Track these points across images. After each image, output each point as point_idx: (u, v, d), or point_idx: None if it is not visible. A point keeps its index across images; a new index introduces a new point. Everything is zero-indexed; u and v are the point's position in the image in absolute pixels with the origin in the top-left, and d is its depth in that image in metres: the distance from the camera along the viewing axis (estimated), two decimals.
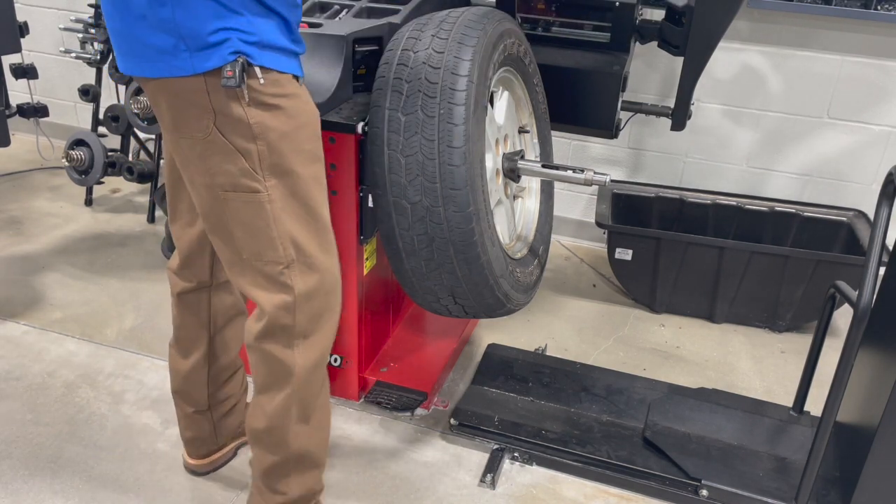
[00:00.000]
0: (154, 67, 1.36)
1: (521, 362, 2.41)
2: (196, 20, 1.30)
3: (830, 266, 2.57)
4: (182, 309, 1.79)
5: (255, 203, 1.43)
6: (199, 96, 1.36)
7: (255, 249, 1.47)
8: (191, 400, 1.88)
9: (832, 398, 1.73)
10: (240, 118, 1.37)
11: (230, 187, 1.43)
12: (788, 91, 2.85)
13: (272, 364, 1.55)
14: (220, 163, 1.41)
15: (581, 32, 2.38)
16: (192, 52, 1.32)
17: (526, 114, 2.16)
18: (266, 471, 1.66)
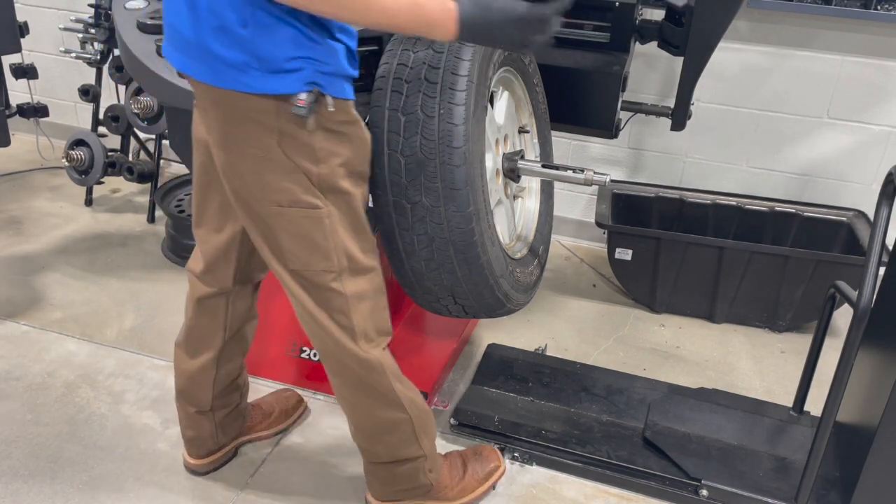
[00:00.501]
0: (217, 77, 1.36)
1: (521, 362, 2.41)
2: (274, 45, 1.31)
3: (830, 266, 2.57)
4: (200, 312, 1.79)
5: (315, 218, 1.47)
6: (266, 116, 1.37)
7: (306, 260, 1.52)
8: (194, 400, 1.88)
9: (832, 398, 1.73)
10: (306, 142, 1.40)
11: (288, 203, 1.46)
12: (788, 91, 2.85)
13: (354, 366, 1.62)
14: (280, 180, 1.43)
15: (581, 32, 2.37)
16: (262, 72, 1.33)
17: (526, 114, 2.16)
18: (399, 446, 1.74)
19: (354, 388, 1.68)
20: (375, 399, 1.68)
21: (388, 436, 1.74)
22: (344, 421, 2.19)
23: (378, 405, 1.69)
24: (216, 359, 1.84)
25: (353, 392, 1.69)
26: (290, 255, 1.52)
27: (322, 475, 2.03)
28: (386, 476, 1.80)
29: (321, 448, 2.11)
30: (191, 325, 1.81)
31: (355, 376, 1.65)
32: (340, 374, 1.67)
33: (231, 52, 1.32)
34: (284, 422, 2.15)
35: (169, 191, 3.13)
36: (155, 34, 2.27)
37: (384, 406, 1.69)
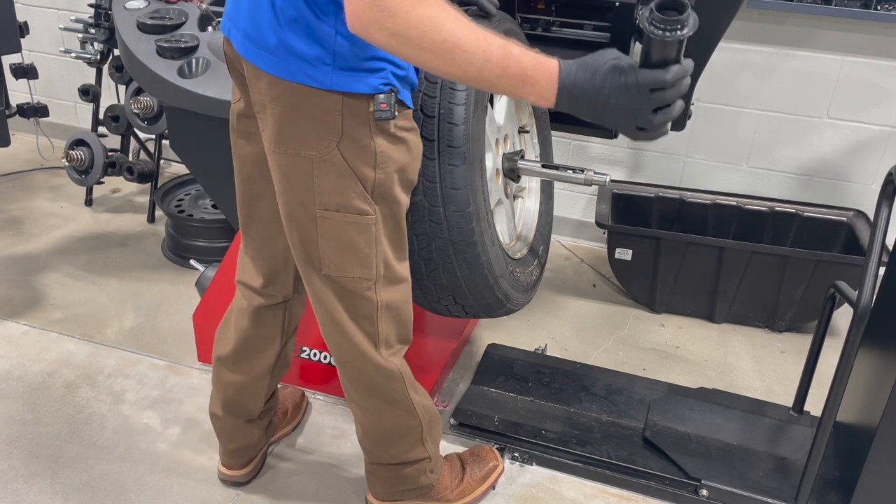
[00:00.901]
0: (282, 67, 1.30)
1: (521, 362, 2.41)
2: (353, 42, 1.27)
3: (830, 266, 2.57)
4: (258, 322, 1.75)
5: (362, 224, 1.44)
6: (330, 116, 1.32)
7: (343, 267, 1.49)
8: (243, 411, 1.86)
9: (832, 398, 1.73)
10: (367, 146, 1.36)
11: (336, 207, 1.42)
12: (788, 91, 2.85)
13: (372, 372, 1.61)
14: (332, 183, 1.40)
15: (581, 32, 2.37)
16: (335, 68, 1.28)
17: (526, 114, 2.16)
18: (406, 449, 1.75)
19: (369, 394, 1.67)
20: (390, 406, 1.67)
21: (398, 440, 1.74)
22: (344, 421, 2.19)
23: (392, 411, 1.69)
24: (273, 366, 1.82)
25: (367, 398, 1.68)
26: (326, 261, 1.49)
27: (322, 475, 2.03)
28: (389, 477, 1.80)
29: (321, 448, 2.11)
30: (246, 335, 1.76)
31: (373, 383, 1.64)
32: (357, 380, 1.65)
33: (303, 42, 1.27)
34: (297, 416, 2.16)
35: (169, 191, 3.14)
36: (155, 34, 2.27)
37: (398, 412, 1.69)
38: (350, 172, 1.39)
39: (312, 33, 1.27)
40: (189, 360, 2.43)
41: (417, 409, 1.70)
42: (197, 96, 2.10)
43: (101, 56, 3.12)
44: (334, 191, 1.40)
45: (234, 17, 1.40)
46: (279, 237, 1.64)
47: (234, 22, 1.40)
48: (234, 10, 1.40)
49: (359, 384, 1.66)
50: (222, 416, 1.87)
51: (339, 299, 1.53)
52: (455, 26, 1.14)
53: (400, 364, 1.65)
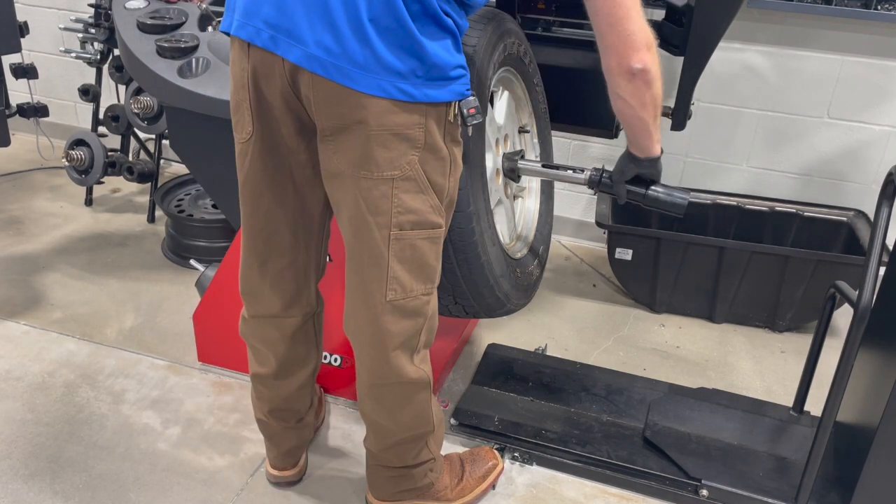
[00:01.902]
0: (375, 84, 1.26)
1: (521, 362, 2.41)
2: (445, 50, 1.29)
3: (830, 266, 2.57)
4: (293, 344, 1.74)
5: (434, 239, 1.46)
6: (415, 130, 1.32)
7: (410, 287, 1.47)
8: (292, 415, 1.86)
9: (832, 398, 1.73)
10: (444, 156, 1.39)
11: (412, 226, 1.41)
12: (788, 91, 2.85)
13: (407, 386, 1.60)
14: (412, 200, 1.39)
15: (581, 32, 2.38)
16: (426, 79, 1.28)
17: (526, 114, 2.16)
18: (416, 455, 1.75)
19: (396, 407, 1.65)
20: (411, 414, 1.66)
21: (410, 446, 1.73)
22: (344, 421, 2.19)
23: (412, 420, 1.67)
24: (314, 371, 1.84)
25: (390, 410, 1.65)
26: (393, 284, 1.45)
27: (322, 475, 2.03)
28: (392, 478, 1.80)
29: (321, 448, 2.11)
30: (284, 356, 1.75)
31: (402, 395, 1.62)
32: (385, 396, 1.63)
33: (400, 57, 1.24)
34: (322, 409, 2.17)
35: (169, 191, 3.14)
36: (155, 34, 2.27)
37: (416, 420, 1.68)
38: (428, 186, 1.39)
39: (410, 46, 1.24)
40: (189, 360, 2.43)
41: (434, 417, 1.71)
42: (197, 96, 2.09)
43: (101, 56, 3.12)
44: (414, 209, 1.40)
45: (287, 26, 1.26)
46: (299, 257, 1.62)
47: (287, 32, 1.26)
48: (281, 14, 1.26)
49: (387, 401, 1.64)
50: (271, 422, 1.86)
51: (398, 322, 1.50)
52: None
53: (429, 371, 1.64)
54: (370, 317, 1.51)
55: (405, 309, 1.50)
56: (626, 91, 1.49)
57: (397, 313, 1.50)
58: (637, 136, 1.66)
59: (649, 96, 1.52)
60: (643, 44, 1.45)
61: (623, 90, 1.50)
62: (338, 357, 2.22)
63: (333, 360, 2.22)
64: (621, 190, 1.80)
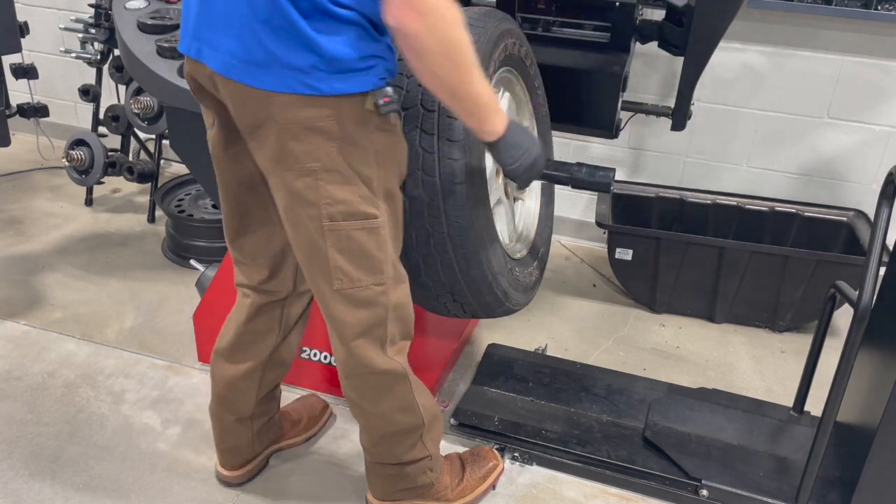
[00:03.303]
0: (279, 81, 1.30)
1: (521, 362, 2.41)
2: (345, 44, 1.29)
3: (830, 266, 2.57)
4: (254, 318, 1.75)
5: (371, 229, 1.44)
6: (328, 122, 1.33)
7: (356, 277, 1.48)
8: (234, 408, 1.86)
9: (832, 398, 1.73)
10: (366, 146, 1.37)
11: (343, 217, 1.42)
12: (788, 91, 2.85)
13: (379, 377, 1.60)
14: (338, 191, 1.39)
15: (581, 32, 2.38)
16: (330, 72, 1.29)
17: (527, 115, 2.16)
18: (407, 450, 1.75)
19: (376, 401, 1.66)
20: (393, 406, 1.67)
21: (401, 441, 1.74)
22: (344, 421, 2.19)
23: (396, 414, 1.68)
24: (264, 364, 1.82)
25: (374, 404, 1.67)
26: (338, 274, 1.48)
27: (322, 475, 2.03)
28: (390, 476, 1.80)
29: (321, 448, 2.11)
30: (241, 330, 1.77)
31: (379, 388, 1.64)
32: (363, 389, 1.65)
33: (293, 51, 1.27)
34: (313, 428, 2.13)
35: (169, 191, 3.14)
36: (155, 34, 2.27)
37: (402, 414, 1.69)
38: (354, 177, 1.39)
39: (303, 41, 1.27)
40: (189, 360, 2.43)
41: (420, 408, 1.70)
42: None
43: (101, 56, 3.12)
44: (342, 199, 1.40)
45: (207, 37, 1.36)
46: (273, 239, 1.65)
47: (208, 42, 1.36)
48: (205, 28, 1.36)
49: (365, 393, 1.66)
50: (216, 411, 1.88)
51: (352, 311, 1.52)
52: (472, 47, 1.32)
53: (404, 363, 1.65)
54: (324, 307, 1.55)
55: (356, 299, 1.51)
56: (406, 27, 1.25)
57: (348, 303, 1.51)
58: (453, 109, 1.44)
59: (435, 42, 1.28)
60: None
61: (402, 23, 1.25)
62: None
63: (333, 359, 2.22)
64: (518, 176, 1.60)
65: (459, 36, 1.29)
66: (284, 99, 1.32)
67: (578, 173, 1.91)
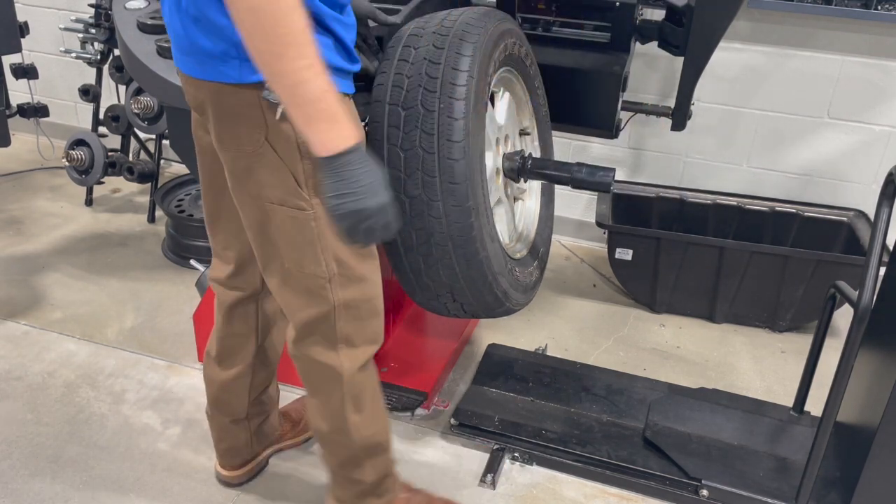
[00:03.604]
0: (202, 69, 1.34)
1: (521, 362, 2.41)
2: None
3: (830, 266, 2.57)
4: (230, 320, 1.76)
5: (301, 220, 1.43)
6: (251, 110, 1.33)
7: (298, 259, 1.47)
8: (229, 410, 1.86)
9: (832, 398, 1.73)
10: (288, 135, 1.35)
11: (278, 200, 1.42)
12: (788, 91, 2.85)
13: (319, 370, 1.58)
14: (269, 176, 1.40)
15: (581, 32, 2.37)
16: (242, 60, 1.29)
17: (527, 115, 2.16)
18: (340, 465, 1.70)
19: (308, 386, 1.63)
20: (323, 408, 1.63)
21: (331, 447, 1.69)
22: None
23: (325, 418, 1.64)
24: (252, 365, 1.81)
25: (307, 387, 1.64)
26: (284, 253, 1.48)
27: (321, 476, 2.03)
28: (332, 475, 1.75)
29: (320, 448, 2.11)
30: (222, 334, 1.78)
31: (312, 375, 1.61)
32: (300, 371, 1.63)
33: (209, 39, 1.29)
34: (309, 430, 2.12)
35: (169, 191, 3.13)
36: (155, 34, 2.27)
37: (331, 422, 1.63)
38: (282, 165, 1.38)
39: (214, 28, 1.28)
40: (189, 360, 2.43)
41: (351, 429, 1.62)
42: None
43: (101, 56, 3.12)
44: (273, 183, 1.40)
45: (171, 37, 1.42)
46: (243, 233, 1.63)
47: (171, 41, 1.43)
48: (168, 29, 1.42)
49: (305, 380, 1.64)
50: (211, 413, 1.88)
51: (296, 296, 1.51)
52: (303, 25, 1.14)
53: (349, 367, 1.57)
54: (274, 291, 1.55)
55: (300, 287, 1.50)
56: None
57: (294, 290, 1.51)
58: (279, 94, 1.21)
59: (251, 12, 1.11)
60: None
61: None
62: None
63: None
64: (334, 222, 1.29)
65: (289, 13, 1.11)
66: (210, 87, 1.35)
67: (578, 173, 1.91)
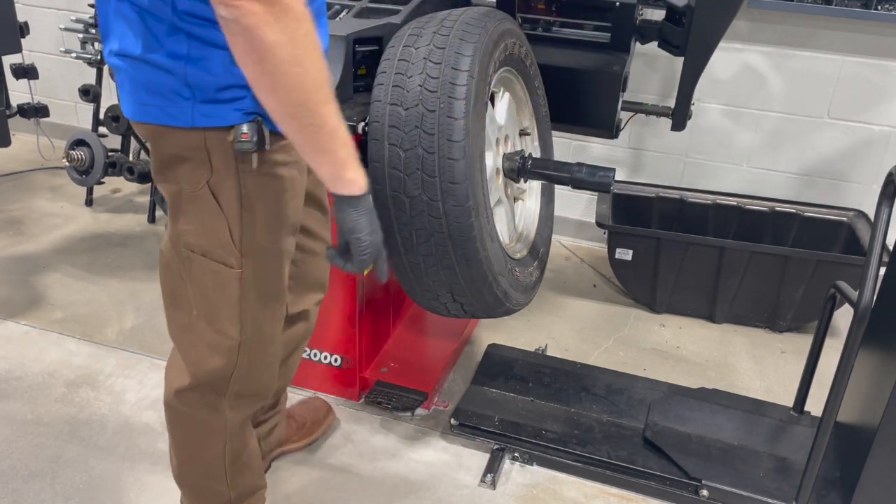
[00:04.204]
0: (143, 110, 1.20)
1: (521, 362, 2.41)
2: (208, 69, 1.15)
3: (830, 266, 2.57)
4: None
5: (225, 277, 1.30)
6: (197, 152, 1.20)
7: (210, 315, 1.35)
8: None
9: (832, 398, 1.73)
10: (232, 186, 1.22)
11: (200, 250, 1.29)
12: (788, 91, 2.85)
13: (197, 424, 1.50)
14: (198, 223, 1.27)
15: (581, 32, 2.38)
16: (195, 102, 1.17)
17: (527, 116, 2.16)
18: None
19: (178, 432, 1.56)
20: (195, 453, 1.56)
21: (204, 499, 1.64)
22: (344, 421, 2.19)
23: (194, 461, 1.58)
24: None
25: (181, 446, 1.57)
26: (195, 304, 1.34)
27: (321, 476, 2.03)
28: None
29: (321, 448, 2.11)
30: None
31: (184, 420, 1.52)
32: (171, 418, 1.54)
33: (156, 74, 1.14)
34: (315, 432, 2.10)
35: None
36: None
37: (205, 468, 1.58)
38: (219, 215, 1.25)
39: (161, 66, 1.15)
40: None
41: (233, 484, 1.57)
42: None
43: (101, 56, 3.12)
44: (201, 232, 1.27)
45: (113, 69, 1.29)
46: None
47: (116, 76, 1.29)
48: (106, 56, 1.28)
49: (177, 432, 1.56)
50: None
51: (196, 348, 1.40)
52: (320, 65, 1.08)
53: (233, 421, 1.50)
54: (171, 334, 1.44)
55: (205, 341, 1.38)
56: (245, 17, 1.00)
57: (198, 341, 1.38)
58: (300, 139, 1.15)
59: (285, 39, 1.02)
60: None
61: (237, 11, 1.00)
62: (338, 357, 2.22)
63: (333, 360, 2.22)
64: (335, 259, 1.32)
65: (313, 36, 1.05)
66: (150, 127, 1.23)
67: (578, 173, 1.91)
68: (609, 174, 1.89)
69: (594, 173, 1.90)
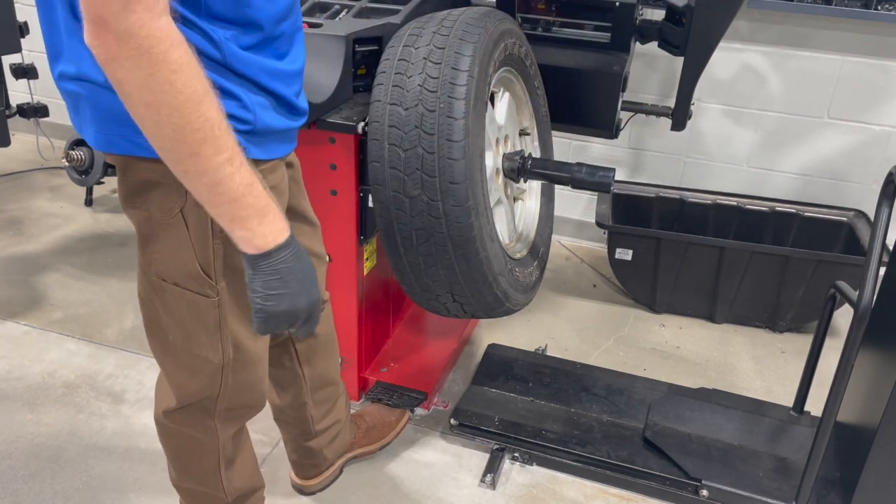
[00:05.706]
0: (108, 140, 1.13)
1: (521, 362, 2.41)
2: None
3: (830, 266, 2.57)
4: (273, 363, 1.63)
5: (201, 306, 1.26)
6: (171, 176, 1.05)
7: (186, 340, 1.31)
8: (296, 429, 1.81)
9: (832, 398, 1.73)
10: (204, 213, 1.11)
11: (171, 280, 1.24)
12: (788, 91, 2.85)
13: (188, 439, 1.49)
14: (168, 253, 1.22)
15: (581, 32, 2.38)
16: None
17: (527, 116, 2.16)
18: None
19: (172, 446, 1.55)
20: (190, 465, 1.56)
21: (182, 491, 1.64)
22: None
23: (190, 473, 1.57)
24: (307, 392, 1.74)
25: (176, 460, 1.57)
26: (171, 332, 1.31)
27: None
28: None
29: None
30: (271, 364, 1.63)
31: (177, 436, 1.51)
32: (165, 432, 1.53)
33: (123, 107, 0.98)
34: (388, 435, 2.09)
35: None
36: None
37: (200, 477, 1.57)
38: (188, 245, 1.20)
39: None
40: None
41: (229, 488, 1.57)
42: None
43: None
44: (171, 263, 1.22)
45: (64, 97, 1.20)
46: None
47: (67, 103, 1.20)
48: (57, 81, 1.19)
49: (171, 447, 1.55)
50: (278, 423, 1.84)
51: (179, 370, 1.37)
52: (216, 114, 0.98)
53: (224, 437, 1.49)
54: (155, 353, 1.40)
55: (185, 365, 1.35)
56: (99, 53, 0.91)
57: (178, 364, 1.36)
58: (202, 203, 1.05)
59: (140, 85, 0.92)
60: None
61: (93, 45, 0.91)
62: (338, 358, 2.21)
63: None
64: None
65: (179, 81, 0.92)
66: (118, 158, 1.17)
67: (578, 173, 1.91)
68: (609, 174, 1.89)
69: (594, 173, 1.90)
